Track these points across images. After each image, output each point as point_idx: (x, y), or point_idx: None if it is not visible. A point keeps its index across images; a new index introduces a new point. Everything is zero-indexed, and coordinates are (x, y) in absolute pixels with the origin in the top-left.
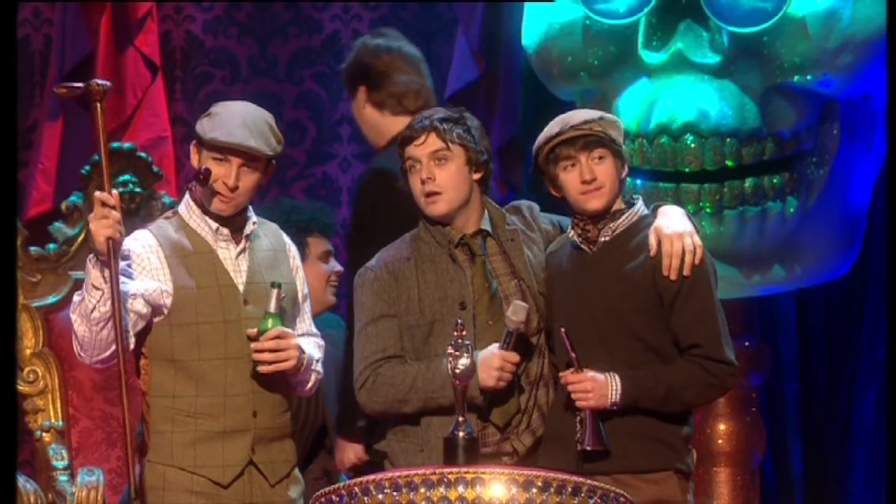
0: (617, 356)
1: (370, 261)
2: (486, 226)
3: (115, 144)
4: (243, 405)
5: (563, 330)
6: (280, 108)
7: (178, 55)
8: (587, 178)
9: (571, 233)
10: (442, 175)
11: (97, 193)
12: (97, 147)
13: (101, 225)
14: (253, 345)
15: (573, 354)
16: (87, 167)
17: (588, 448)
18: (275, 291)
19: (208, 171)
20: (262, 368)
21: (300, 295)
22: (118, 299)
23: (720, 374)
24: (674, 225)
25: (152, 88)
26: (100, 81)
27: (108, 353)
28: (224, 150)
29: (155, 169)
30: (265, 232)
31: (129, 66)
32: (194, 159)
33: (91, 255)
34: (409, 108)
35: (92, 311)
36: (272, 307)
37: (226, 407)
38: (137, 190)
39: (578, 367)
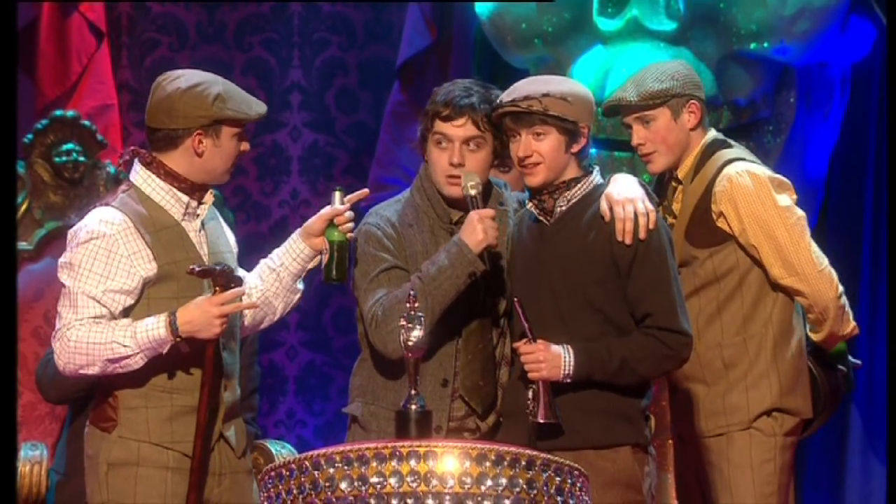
0: (575, 329)
1: (369, 218)
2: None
3: (59, 112)
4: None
5: (516, 300)
6: (229, 75)
7: (125, 21)
8: (521, 156)
9: (529, 204)
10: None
11: (235, 305)
12: None
13: (219, 323)
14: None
15: (527, 325)
16: (30, 136)
17: (540, 421)
18: (338, 194)
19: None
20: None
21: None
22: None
23: (675, 344)
24: (625, 191)
25: (97, 55)
26: None
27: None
28: (250, 123)
29: (99, 137)
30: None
31: (74, 31)
32: (201, 147)
33: (172, 333)
34: None
35: (123, 367)
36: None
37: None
38: (81, 159)
39: (532, 338)
